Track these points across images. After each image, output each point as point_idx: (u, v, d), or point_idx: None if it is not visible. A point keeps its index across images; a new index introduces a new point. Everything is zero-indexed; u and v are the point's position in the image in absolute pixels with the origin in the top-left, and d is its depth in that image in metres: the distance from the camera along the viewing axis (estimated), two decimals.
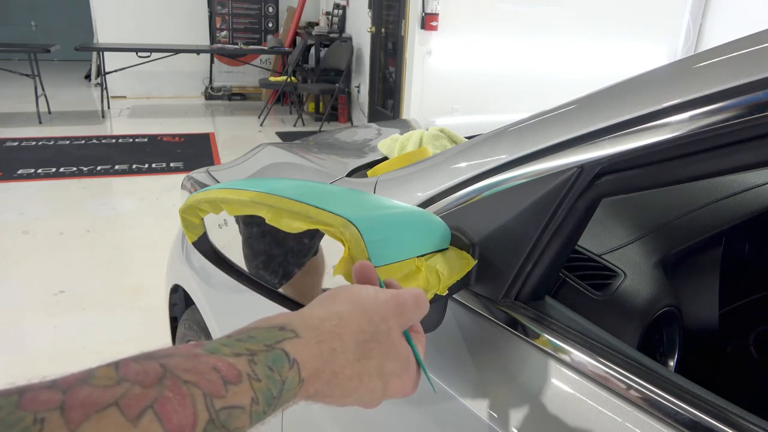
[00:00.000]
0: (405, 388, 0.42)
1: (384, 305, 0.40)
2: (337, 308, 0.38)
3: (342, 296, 0.39)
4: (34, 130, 5.51)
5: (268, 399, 0.31)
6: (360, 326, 0.38)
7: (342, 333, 0.36)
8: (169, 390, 0.28)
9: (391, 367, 0.39)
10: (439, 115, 5.14)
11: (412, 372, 0.42)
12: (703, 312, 0.96)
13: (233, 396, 0.29)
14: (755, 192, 1.04)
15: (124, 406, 0.26)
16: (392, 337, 0.40)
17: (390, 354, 0.39)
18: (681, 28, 5.74)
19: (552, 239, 0.58)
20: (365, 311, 0.39)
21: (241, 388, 0.30)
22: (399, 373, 0.40)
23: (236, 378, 0.30)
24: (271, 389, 0.31)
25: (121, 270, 2.92)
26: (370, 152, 1.28)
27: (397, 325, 0.40)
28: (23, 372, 2.06)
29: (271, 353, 0.32)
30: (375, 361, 0.38)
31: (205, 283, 1.23)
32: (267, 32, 7.42)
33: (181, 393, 0.28)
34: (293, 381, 0.33)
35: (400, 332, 0.41)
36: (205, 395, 0.28)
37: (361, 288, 0.41)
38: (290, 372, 0.33)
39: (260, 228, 0.62)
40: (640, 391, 0.49)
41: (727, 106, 0.44)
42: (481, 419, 0.58)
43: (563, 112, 0.59)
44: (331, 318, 0.37)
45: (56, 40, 6.77)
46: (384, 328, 0.39)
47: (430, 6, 4.78)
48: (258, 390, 0.31)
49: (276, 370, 0.32)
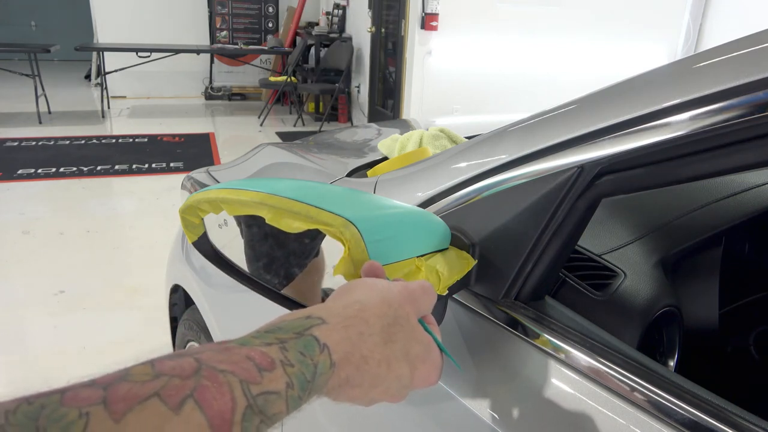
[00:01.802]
0: (430, 375, 0.42)
1: (398, 293, 0.41)
2: (356, 296, 0.39)
3: (358, 286, 0.41)
4: (34, 130, 5.51)
5: (302, 383, 0.32)
6: (382, 310, 0.39)
7: (366, 317, 0.37)
8: (207, 379, 0.28)
9: (416, 351, 0.40)
10: (439, 115, 5.14)
11: (435, 358, 0.43)
12: (703, 312, 0.96)
13: (269, 382, 0.30)
14: (755, 192, 1.04)
15: (165, 396, 0.27)
16: (412, 322, 0.41)
17: (413, 337, 0.40)
18: (681, 28, 5.74)
19: (552, 239, 0.58)
20: (384, 297, 0.40)
21: (276, 374, 0.31)
22: (423, 358, 0.41)
23: (270, 365, 0.31)
24: (305, 373, 0.32)
25: (121, 270, 2.92)
26: (370, 152, 1.28)
27: (413, 311, 0.42)
28: (23, 372, 2.07)
29: (302, 339, 0.33)
30: (400, 345, 0.39)
31: (205, 283, 1.23)
32: (267, 32, 7.42)
33: (218, 381, 0.28)
34: (325, 364, 0.33)
35: (416, 318, 0.42)
36: (242, 382, 0.29)
37: (374, 279, 0.42)
38: (321, 356, 0.33)
39: (261, 228, 0.62)
40: (640, 391, 0.49)
41: (727, 106, 0.44)
42: (481, 419, 0.58)
43: (563, 112, 0.59)
44: (353, 305, 0.38)
45: (56, 40, 6.77)
46: (402, 313, 0.40)
47: (430, 6, 4.78)
48: (292, 375, 0.31)
49: (308, 355, 0.33)
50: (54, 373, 2.06)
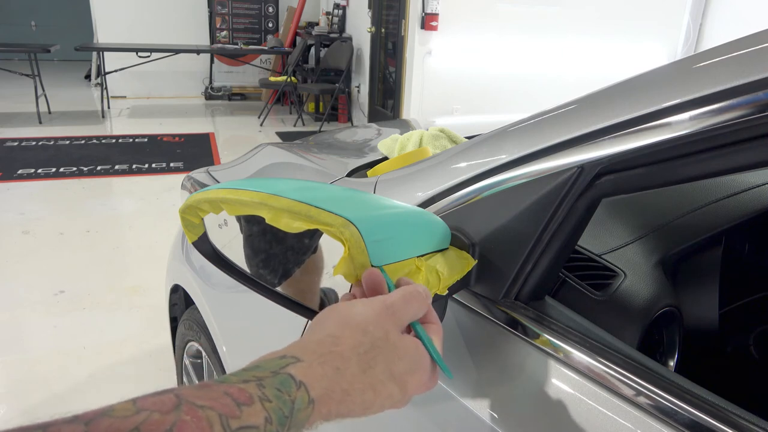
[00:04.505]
0: (423, 382, 0.42)
1: (373, 313, 0.41)
2: (329, 330, 0.39)
3: (329, 319, 0.41)
4: (34, 130, 5.51)
5: (280, 418, 0.32)
6: (356, 340, 0.39)
7: (341, 351, 0.37)
8: (187, 414, 0.29)
9: (401, 367, 0.40)
10: (439, 115, 5.14)
11: (425, 365, 0.42)
12: (703, 312, 0.96)
13: (247, 416, 0.31)
14: (755, 192, 1.04)
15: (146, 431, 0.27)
16: (391, 340, 0.40)
17: (394, 356, 0.40)
18: (681, 28, 5.74)
19: (552, 239, 0.58)
20: (357, 325, 0.40)
21: (254, 409, 0.31)
22: (412, 370, 0.41)
23: (248, 400, 0.31)
24: (282, 409, 0.32)
25: (121, 270, 2.92)
26: (370, 152, 1.28)
27: (393, 326, 0.41)
28: (23, 372, 2.07)
29: (278, 377, 0.34)
30: (381, 367, 0.39)
31: (205, 283, 1.23)
32: (267, 32, 7.42)
33: (197, 416, 0.29)
34: (303, 400, 0.34)
35: (398, 332, 0.41)
36: (221, 416, 0.30)
37: (345, 305, 0.42)
38: (299, 392, 0.34)
39: (260, 227, 0.62)
40: (640, 391, 0.49)
41: (726, 106, 0.44)
42: (481, 419, 0.58)
43: (563, 112, 0.59)
44: (326, 339, 0.38)
45: (56, 40, 6.77)
46: (380, 334, 0.40)
47: (430, 6, 4.78)
48: (270, 409, 0.32)
49: (285, 391, 0.33)
50: (54, 373, 2.06)
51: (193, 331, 1.39)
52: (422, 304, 0.44)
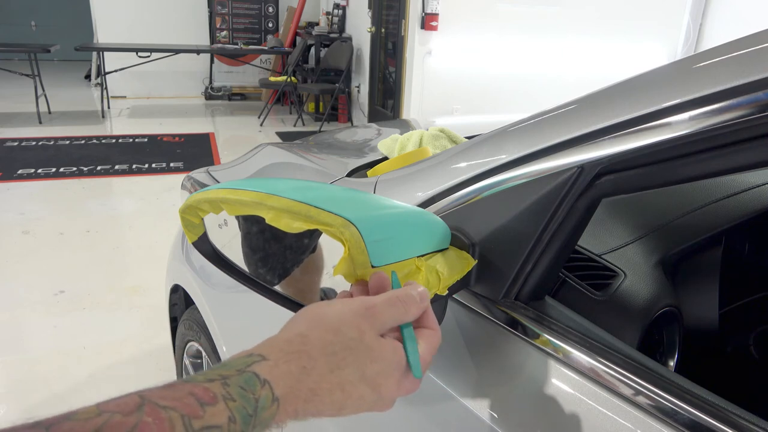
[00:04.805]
0: (403, 385, 0.41)
1: (350, 314, 0.40)
2: (299, 329, 0.39)
3: (303, 318, 0.41)
4: (34, 130, 5.51)
5: (244, 417, 0.32)
6: (326, 339, 0.38)
7: (308, 350, 0.37)
8: (148, 415, 0.29)
9: (374, 369, 0.39)
10: (439, 115, 5.14)
11: (403, 368, 0.41)
12: (703, 312, 0.96)
13: (210, 416, 0.31)
14: (755, 192, 1.04)
15: None
16: (366, 341, 0.40)
17: (367, 357, 0.39)
18: (681, 28, 5.74)
19: (552, 239, 0.58)
20: (329, 325, 0.39)
21: (218, 408, 0.31)
22: (387, 373, 0.40)
23: (212, 399, 0.31)
24: (246, 408, 0.32)
25: (121, 270, 2.92)
26: (370, 152, 1.28)
27: (371, 328, 0.40)
28: (23, 372, 2.07)
29: (242, 376, 0.34)
30: (352, 368, 0.38)
31: (205, 283, 1.23)
32: (267, 32, 7.42)
33: (159, 417, 0.29)
34: (267, 399, 0.34)
35: (374, 334, 0.41)
36: (183, 417, 0.30)
37: (323, 305, 0.42)
38: (263, 390, 0.34)
39: (260, 227, 0.62)
40: (640, 391, 0.49)
41: (726, 106, 0.44)
42: (481, 419, 0.58)
43: (563, 112, 0.59)
44: (295, 339, 0.38)
45: (56, 40, 6.77)
46: (355, 335, 0.39)
47: (430, 6, 4.78)
48: (234, 409, 0.32)
49: (249, 390, 0.33)
50: (54, 373, 2.06)
51: (193, 331, 1.39)
52: (410, 308, 0.43)
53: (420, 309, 0.44)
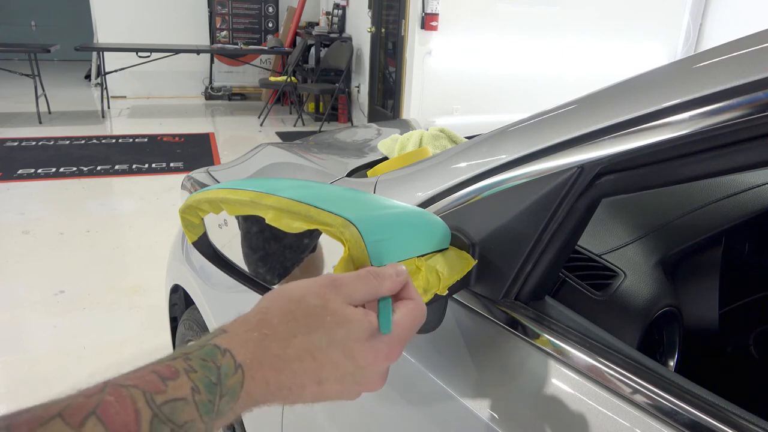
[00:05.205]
0: (380, 351, 0.40)
1: (315, 285, 0.40)
2: (262, 304, 0.39)
3: (268, 294, 0.41)
4: (34, 130, 5.51)
5: (208, 386, 0.32)
6: (287, 308, 0.38)
7: (269, 318, 0.38)
8: (110, 395, 0.29)
9: (342, 333, 0.39)
10: (439, 115, 5.14)
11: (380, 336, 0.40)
12: (703, 312, 0.96)
13: (173, 390, 0.31)
14: (755, 192, 1.04)
15: (68, 416, 0.27)
16: (330, 307, 0.39)
17: (332, 322, 0.39)
18: (681, 28, 5.74)
19: (552, 239, 0.58)
20: (291, 295, 0.39)
21: (180, 382, 0.31)
22: (358, 336, 0.39)
23: (174, 374, 0.32)
24: (209, 376, 0.33)
25: (121, 270, 2.92)
26: (370, 152, 1.28)
27: (336, 295, 0.40)
28: (23, 372, 2.07)
29: (203, 349, 0.34)
30: (318, 334, 0.38)
31: (205, 283, 1.23)
32: (267, 32, 7.43)
33: (121, 396, 0.29)
34: (229, 365, 0.34)
35: (341, 302, 0.40)
36: (145, 393, 0.30)
37: (288, 283, 0.42)
38: (224, 359, 0.34)
39: (260, 227, 0.62)
40: (640, 390, 0.49)
41: (727, 106, 0.44)
42: (481, 419, 0.58)
43: (563, 112, 0.59)
44: (256, 312, 0.39)
45: (56, 40, 6.77)
46: (318, 302, 0.39)
47: (430, 6, 4.78)
48: (196, 379, 0.32)
49: (210, 360, 0.33)
50: (54, 374, 2.06)
51: (193, 331, 1.39)
52: (383, 282, 0.42)
53: (396, 284, 0.43)
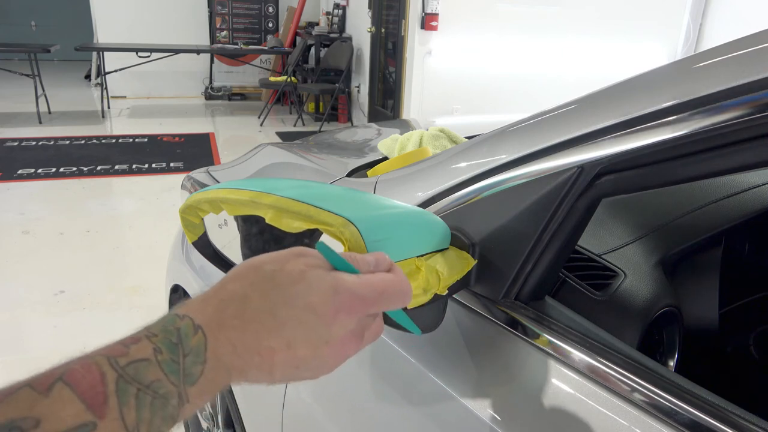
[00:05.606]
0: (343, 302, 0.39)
1: (276, 254, 0.41)
2: (223, 279, 0.40)
3: (232, 270, 0.41)
4: (34, 130, 5.51)
5: (169, 346, 0.34)
6: (244, 274, 0.39)
7: (225, 285, 0.39)
8: (76, 364, 0.31)
9: (300, 289, 0.38)
10: (439, 115, 5.14)
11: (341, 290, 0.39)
12: (703, 312, 0.96)
13: (135, 352, 0.33)
14: (755, 192, 1.04)
15: (36, 385, 0.29)
16: (287, 269, 0.39)
17: (288, 281, 0.38)
18: (681, 28, 5.74)
19: (552, 239, 0.58)
20: (249, 265, 0.40)
21: (141, 345, 0.33)
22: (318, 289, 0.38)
23: (135, 340, 0.34)
24: (169, 338, 0.34)
25: (121, 270, 2.92)
26: (370, 152, 1.28)
27: (297, 261, 0.40)
28: (23, 372, 2.06)
29: (164, 318, 0.36)
30: (276, 293, 0.38)
31: (205, 283, 1.23)
32: (267, 32, 7.43)
33: (86, 363, 0.31)
34: (188, 326, 0.35)
35: (303, 266, 0.39)
36: (109, 358, 0.32)
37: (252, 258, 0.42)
38: (182, 322, 0.35)
39: (260, 227, 0.62)
40: (640, 390, 0.49)
41: (727, 107, 0.44)
42: (481, 419, 0.58)
43: (563, 112, 0.59)
44: (216, 284, 0.39)
45: (56, 40, 6.78)
46: (277, 267, 0.39)
47: (430, 6, 4.78)
48: (157, 342, 0.34)
49: (169, 324, 0.35)
50: None
51: None
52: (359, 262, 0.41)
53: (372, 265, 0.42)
